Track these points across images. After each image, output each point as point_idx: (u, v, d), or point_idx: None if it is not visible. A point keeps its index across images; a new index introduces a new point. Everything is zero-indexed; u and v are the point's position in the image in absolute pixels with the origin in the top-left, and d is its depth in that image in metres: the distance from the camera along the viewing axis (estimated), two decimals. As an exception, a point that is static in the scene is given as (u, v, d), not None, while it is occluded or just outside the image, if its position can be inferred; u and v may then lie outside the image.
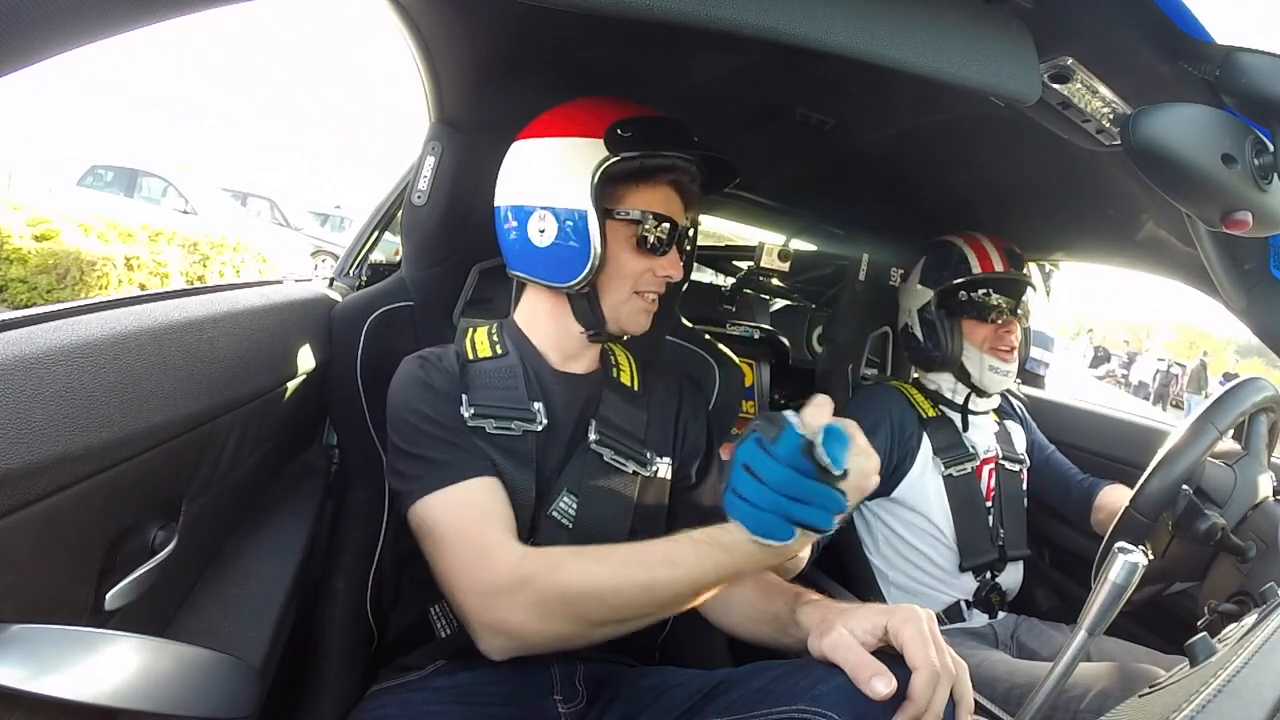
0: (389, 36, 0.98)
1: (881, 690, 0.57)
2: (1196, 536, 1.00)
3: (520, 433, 0.85)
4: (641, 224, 0.86)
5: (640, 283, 0.88)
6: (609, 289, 0.88)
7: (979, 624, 1.33)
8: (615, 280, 0.87)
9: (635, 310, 0.90)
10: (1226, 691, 0.49)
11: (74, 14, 0.33)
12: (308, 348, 0.94)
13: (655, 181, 0.87)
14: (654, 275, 0.88)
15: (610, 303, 0.88)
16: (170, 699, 0.51)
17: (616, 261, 0.86)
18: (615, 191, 0.86)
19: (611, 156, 0.82)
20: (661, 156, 0.86)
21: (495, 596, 0.69)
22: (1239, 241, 0.78)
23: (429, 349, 0.92)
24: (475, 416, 0.84)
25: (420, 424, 0.81)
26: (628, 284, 0.88)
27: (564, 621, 0.68)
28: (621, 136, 0.83)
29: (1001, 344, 1.33)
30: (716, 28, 0.49)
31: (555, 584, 0.68)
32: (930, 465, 1.34)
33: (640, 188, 0.87)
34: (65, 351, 0.49)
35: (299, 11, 30.53)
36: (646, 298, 0.90)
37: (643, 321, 0.91)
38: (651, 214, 0.86)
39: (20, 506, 0.44)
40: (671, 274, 0.89)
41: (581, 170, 0.82)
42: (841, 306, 1.65)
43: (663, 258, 0.88)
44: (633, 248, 0.87)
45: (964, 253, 1.36)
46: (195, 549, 0.71)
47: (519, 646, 0.70)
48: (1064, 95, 0.71)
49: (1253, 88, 0.57)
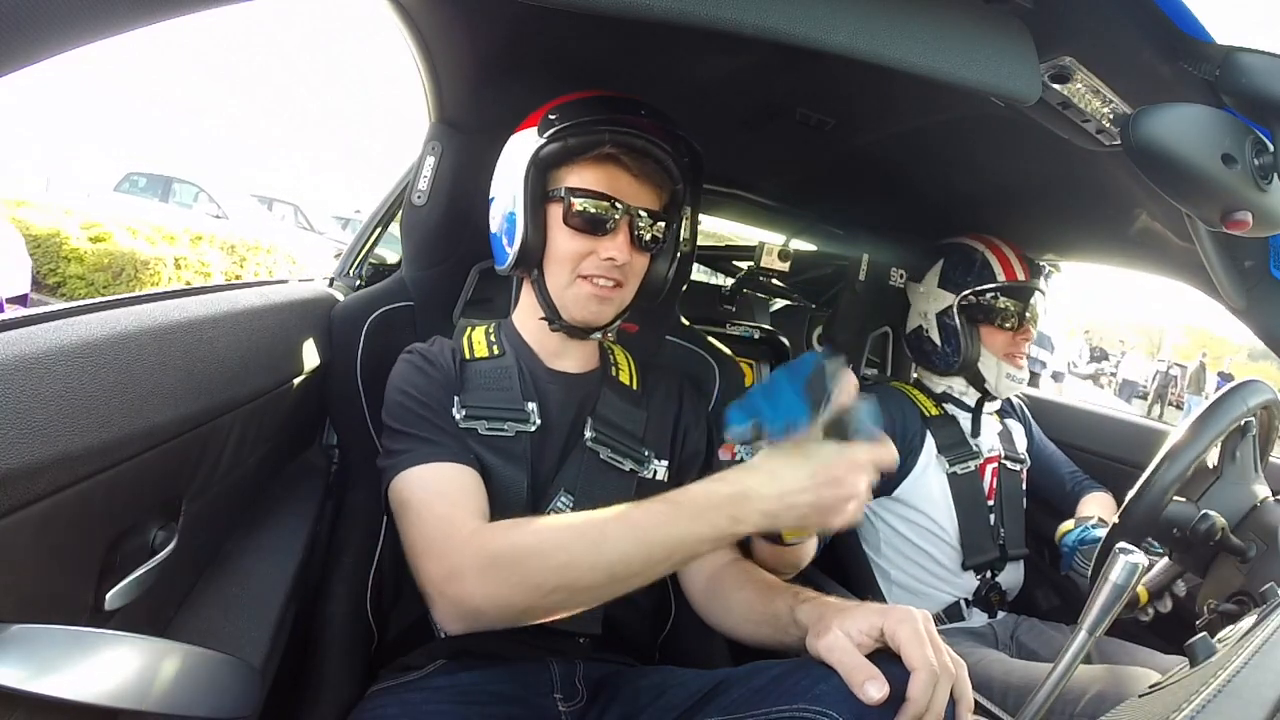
0: (389, 36, 0.98)
1: (874, 695, 0.58)
2: (1196, 536, 1.00)
3: (513, 433, 0.85)
4: (566, 201, 0.84)
5: (583, 266, 0.85)
6: (550, 273, 0.87)
7: (978, 624, 1.33)
8: (554, 264, 0.87)
9: (580, 296, 0.86)
10: (1226, 691, 0.49)
11: (74, 14, 0.33)
12: (308, 348, 0.94)
13: (591, 159, 0.84)
14: (598, 259, 0.85)
15: (554, 288, 0.87)
16: (170, 699, 0.51)
17: (553, 244, 0.86)
18: (552, 175, 0.86)
19: (540, 140, 0.83)
20: (590, 133, 0.83)
21: (452, 565, 0.68)
22: (1239, 241, 0.78)
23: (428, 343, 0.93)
24: (467, 418, 0.85)
25: (410, 404, 0.83)
26: (566, 267, 0.86)
27: (510, 587, 0.66)
28: (550, 120, 0.84)
29: (1018, 351, 1.34)
30: (717, 28, 0.49)
31: (505, 541, 0.68)
32: (934, 463, 1.34)
33: (575, 167, 0.85)
34: (65, 351, 0.49)
35: (299, 11, 30.49)
36: (595, 283, 0.85)
37: (593, 309, 0.86)
38: (579, 190, 0.84)
39: (20, 506, 0.44)
40: (614, 256, 0.83)
41: (519, 158, 0.86)
42: (841, 306, 1.65)
43: (604, 238, 0.84)
44: (564, 227, 0.85)
45: (987, 259, 1.35)
46: (195, 549, 0.71)
47: (470, 615, 0.68)
48: (1064, 95, 0.71)
49: (1253, 88, 0.57)
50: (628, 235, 0.85)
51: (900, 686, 0.59)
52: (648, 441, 0.94)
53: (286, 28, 29.36)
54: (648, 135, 0.84)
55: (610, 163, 0.85)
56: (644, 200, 0.87)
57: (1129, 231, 1.21)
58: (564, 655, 0.85)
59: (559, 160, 0.85)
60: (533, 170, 0.84)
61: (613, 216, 0.84)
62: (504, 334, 0.95)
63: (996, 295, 1.34)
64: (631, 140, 0.84)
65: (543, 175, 0.85)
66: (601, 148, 0.83)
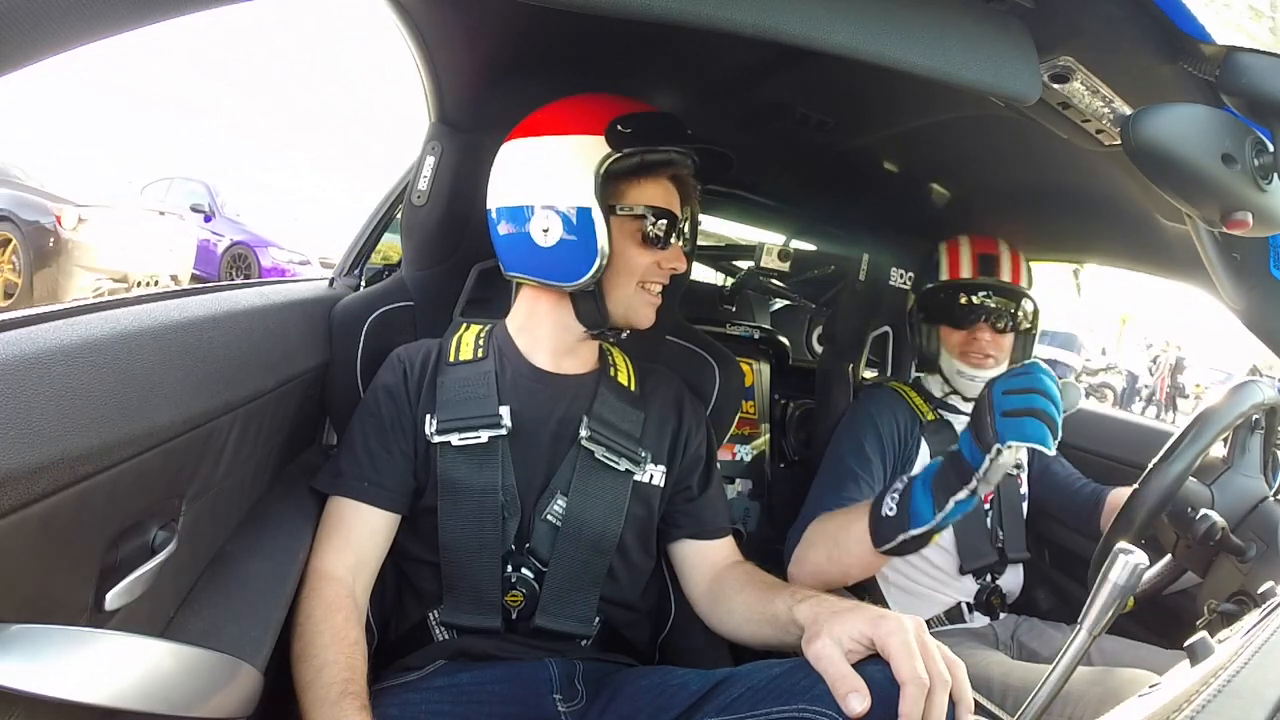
0: (389, 36, 0.98)
1: (856, 708, 0.59)
2: (1196, 536, 1.00)
3: (487, 439, 0.86)
4: (645, 219, 0.86)
5: (645, 276, 0.89)
6: (615, 284, 0.87)
7: (979, 624, 1.33)
8: (622, 276, 0.87)
9: (641, 304, 0.90)
10: (1227, 691, 0.49)
11: (74, 14, 0.33)
12: (308, 348, 0.94)
13: (655, 176, 0.88)
14: (659, 268, 0.89)
15: (617, 298, 0.88)
16: (170, 699, 0.51)
17: (623, 257, 0.86)
18: (617, 188, 0.86)
19: (614, 153, 0.82)
20: (661, 151, 0.86)
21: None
22: (1239, 241, 0.78)
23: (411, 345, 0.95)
24: (439, 432, 0.86)
25: (362, 414, 0.91)
26: (634, 279, 0.88)
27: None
28: (622, 133, 0.83)
29: (972, 349, 1.32)
30: (717, 27, 0.49)
31: (303, 609, 0.77)
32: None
33: (641, 183, 0.87)
34: (65, 351, 0.49)
35: (299, 11, 30.25)
36: (652, 291, 0.90)
37: (648, 315, 0.91)
38: (654, 208, 0.87)
39: (20, 506, 0.44)
40: (677, 266, 0.90)
41: (584, 167, 0.82)
42: (841, 306, 1.65)
43: (666, 250, 0.89)
44: (637, 242, 0.87)
45: (938, 257, 1.40)
46: (195, 549, 0.71)
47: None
48: (1064, 95, 0.71)
49: (1253, 88, 0.57)
50: (681, 247, 0.91)
51: (896, 688, 0.59)
52: (645, 443, 0.94)
53: (287, 28, 29.41)
54: (692, 154, 0.90)
55: (668, 179, 0.90)
56: (684, 212, 0.92)
57: (1129, 231, 1.21)
58: (563, 655, 0.86)
59: (629, 174, 0.86)
60: (602, 181, 0.83)
61: (676, 231, 0.89)
62: (494, 338, 0.95)
63: (942, 293, 1.37)
64: (688, 161, 0.90)
65: (607, 186, 0.84)
66: (672, 167, 0.89)
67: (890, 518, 0.90)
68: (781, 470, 1.73)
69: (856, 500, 1.15)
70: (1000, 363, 1.32)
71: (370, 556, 0.85)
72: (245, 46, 21.01)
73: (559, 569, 0.86)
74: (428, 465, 0.87)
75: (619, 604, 0.92)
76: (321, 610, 0.76)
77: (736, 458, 1.70)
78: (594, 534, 0.87)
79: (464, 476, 0.85)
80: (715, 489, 1.00)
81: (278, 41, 22.51)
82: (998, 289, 1.33)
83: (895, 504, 0.90)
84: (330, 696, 0.68)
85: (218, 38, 20.11)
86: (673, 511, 0.97)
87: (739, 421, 1.53)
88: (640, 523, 0.92)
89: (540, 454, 0.89)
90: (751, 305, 2.09)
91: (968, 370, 1.32)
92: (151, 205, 6.66)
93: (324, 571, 0.80)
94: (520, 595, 0.85)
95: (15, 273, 4.75)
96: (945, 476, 0.86)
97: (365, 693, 0.71)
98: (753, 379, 1.77)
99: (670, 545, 0.98)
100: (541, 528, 0.86)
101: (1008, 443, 0.79)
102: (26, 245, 4.69)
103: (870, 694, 0.60)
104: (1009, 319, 1.32)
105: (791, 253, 1.75)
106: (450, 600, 0.85)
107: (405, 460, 0.87)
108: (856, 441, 1.27)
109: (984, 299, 1.33)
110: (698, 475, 0.99)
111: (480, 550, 0.84)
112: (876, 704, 0.60)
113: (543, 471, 0.88)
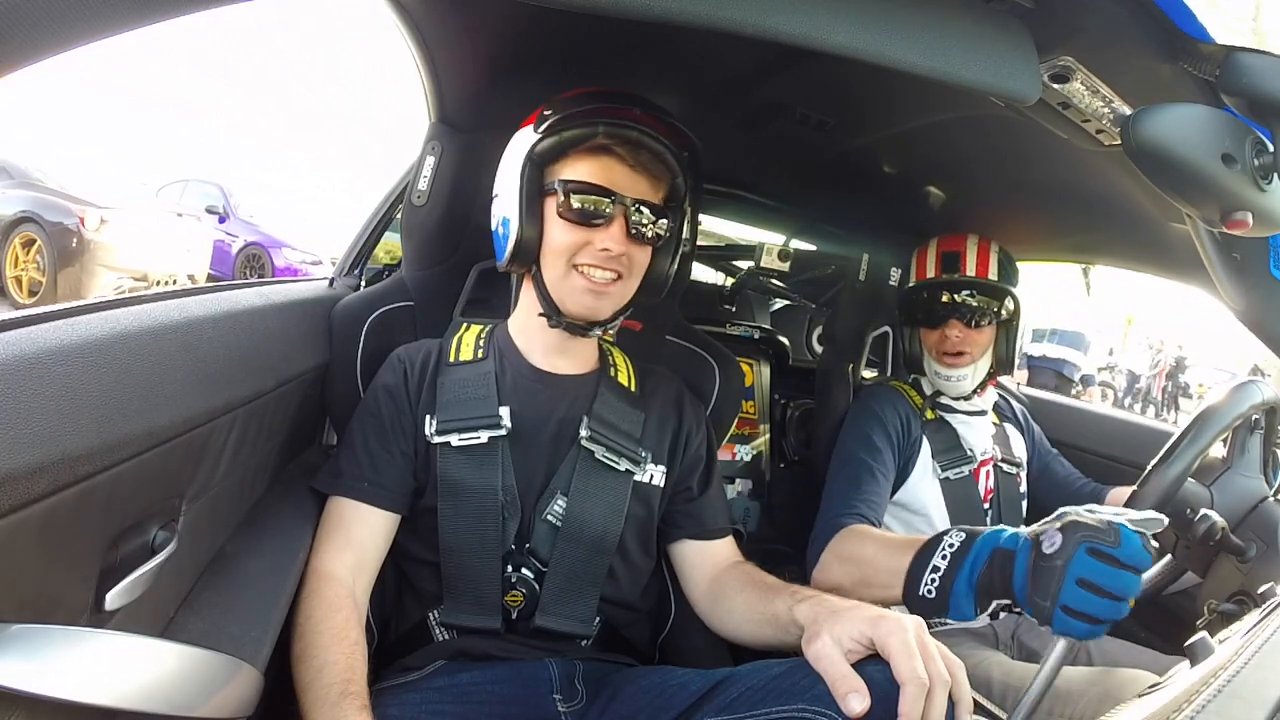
0: (389, 36, 0.98)
1: (856, 708, 0.59)
2: (1196, 537, 1.00)
3: (486, 440, 0.86)
4: (560, 193, 0.84)
5: (579, 258, 0.84)
6: (546, 265, 0.86)
7: (979, 624, 1.33)
8: (550, 256, 0.86)
9: (576, 288, 0.85)
10: (1227, 692, 0.49)
11: (74, 14, 0.33)
12: (308, 348, 0.94)
13: (585, 151, 0.84)
14: (594, 250, 0.83)
15: (550, 280, 0.86)
16: (170, 699, 0.51)
17: (549, 237, 0.85)
18: (550, 169, 0.86)
19: (536, 137, 0.84)
20: (583, 125, 0.82)
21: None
22: (1239, 241, 0.78)
23: (412, 345, 0.95)
24: (439, 432, 0.86)
25: (362, 414, 0.90)
26: (562, 258, 0.85)
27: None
28: (545, 115, 0.84)
29: (946, 349, 1.32)
30: (716, 27, 0.49)
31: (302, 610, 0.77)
32: (930, 468, 1.34)
33: (570, 160, 0.85)
34: (65, 351, 0.49)
35: (299, 11, 30.17)
36: (591, 276, 0.84)
37: (588, 302, 0.85)
38: (572, 182, 0.84)
39: (20, 506, 0.44)
40: (610, 246, 0.82)
41: (517, 155, 0.86)
42: (841, 306, 1.65)
43: (599, 230, 0.83)
44: (558, 219, 0.84)
45: (912, 259, 1.42)
46: (195, 549, 0.71)
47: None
48: (1064, 95, 0.71)
49: (1253, 88, 0.57)
50: (624, 227, 0.84)
51: (896, 688, 0.59)
52: (645, 443, 0.93)
53: (287, 28, 29.30)
54: (641, 126, 0.83)
55: (605, 154, 0.84)
56: (640, 192, 0.85)
57: (1129, 232, 1.21)
58: (563, 656, 0.86)
59: (554, 154, 0.84)
60: (529, 165, 0.84)
61: (606, 208, 0.83)
62: (495, 337, 0.95)
63: (913, 294, 1.39)
64: (625, 132, 0.82)
65: (539, 170, 0.85)
66: (595, 139, 0.83)
67: (929, 600, 0.84)
68: (781, 470, 1.73)
69: (874, 495, 1.17)
70: (977, 359, 1.32)
71: (370, 557, 0.84)
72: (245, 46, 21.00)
73: (559, 569, 0.86)
74: (428, 465, 0.87)
75: (619, 604, 0.92)
76: (322, 610, 0.76)
77: (736, 458, 1.70)
78: (594, 534, 0.87)
79: (464, 477, 0.85)
80: (715, 489, 1.00)
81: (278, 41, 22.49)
82: (963, 284, 1.33)
83: (934, 588, 0.84)
84: (330, 697, 0.68)
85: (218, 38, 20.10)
86: (673, 512, 0.97)
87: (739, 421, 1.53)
88: (640, 523, 0.92)
89: (540, 454, 0.89)
90: (751, 305, 2.09)
91: (942, 371, 1.33)
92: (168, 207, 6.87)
93: (324, 572, 0.80)
94: (520, 595, 0.85)
95: (40, 271, 4.94)
96: (990, 580, 0.80)
97: (365, 693, 0.70)
98: (753, 379, 1.77)
99: (670, 545, 0.98)
100: (541, 528, 0.86)
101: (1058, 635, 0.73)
102: (51, 245, 4.88)
103: (870, 694, 0.60)
104: (978, 313, 1.32)
105: (791, 253, 1.75)
106: (450, 600, 0.85)
107: (405, 460, 0.87)
108: (865, 435, 1.28)
109: (950, 296, 1.33)
110: (698, 475, 0.99)
111: (480, 550, 0.84)
112: (876, 704, 0.60)
113: (543, 472, 0.88)
